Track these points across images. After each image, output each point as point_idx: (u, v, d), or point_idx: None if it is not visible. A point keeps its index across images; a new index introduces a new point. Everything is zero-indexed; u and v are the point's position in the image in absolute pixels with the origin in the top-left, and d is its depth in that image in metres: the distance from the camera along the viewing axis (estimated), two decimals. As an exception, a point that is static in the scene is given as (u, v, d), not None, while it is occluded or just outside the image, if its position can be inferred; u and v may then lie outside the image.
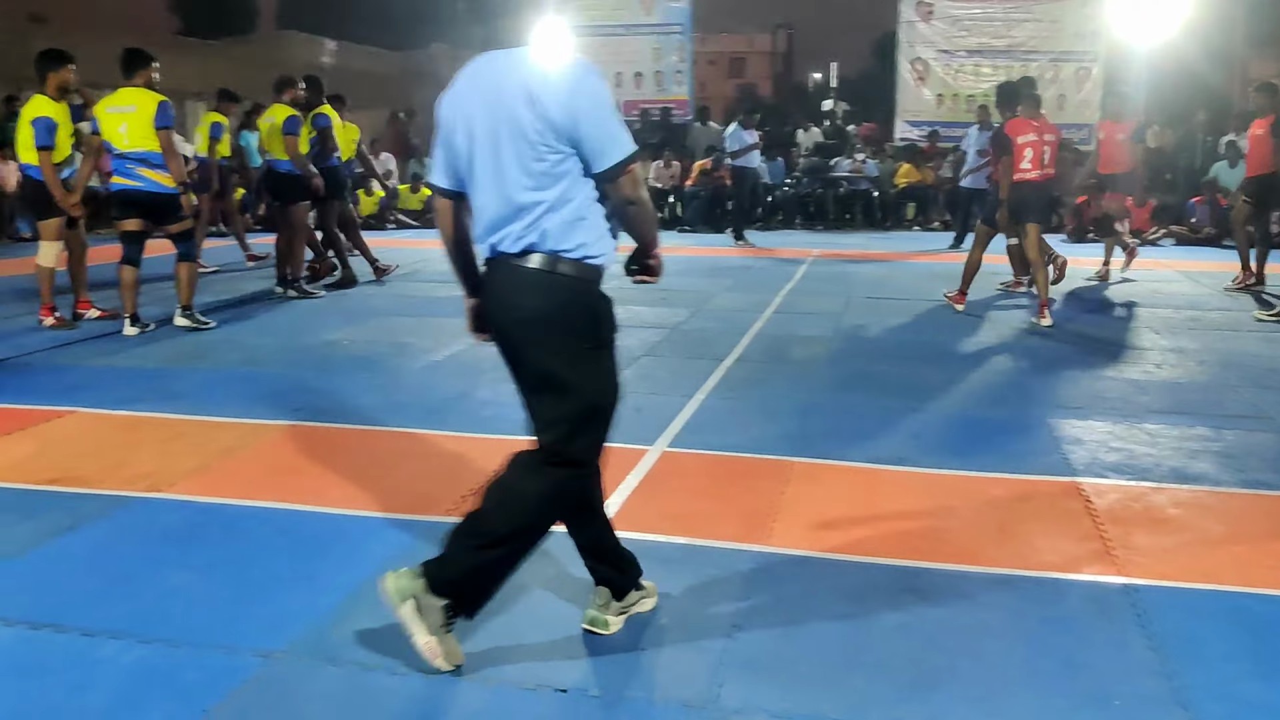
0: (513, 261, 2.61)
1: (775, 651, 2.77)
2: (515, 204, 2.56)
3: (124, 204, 7.24)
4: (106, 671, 2.65)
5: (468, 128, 2.62)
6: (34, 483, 4.07)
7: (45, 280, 7.44)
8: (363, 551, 3.41)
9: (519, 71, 2.58)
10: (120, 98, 7.20)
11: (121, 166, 7.16)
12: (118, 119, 7.12)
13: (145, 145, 7.06)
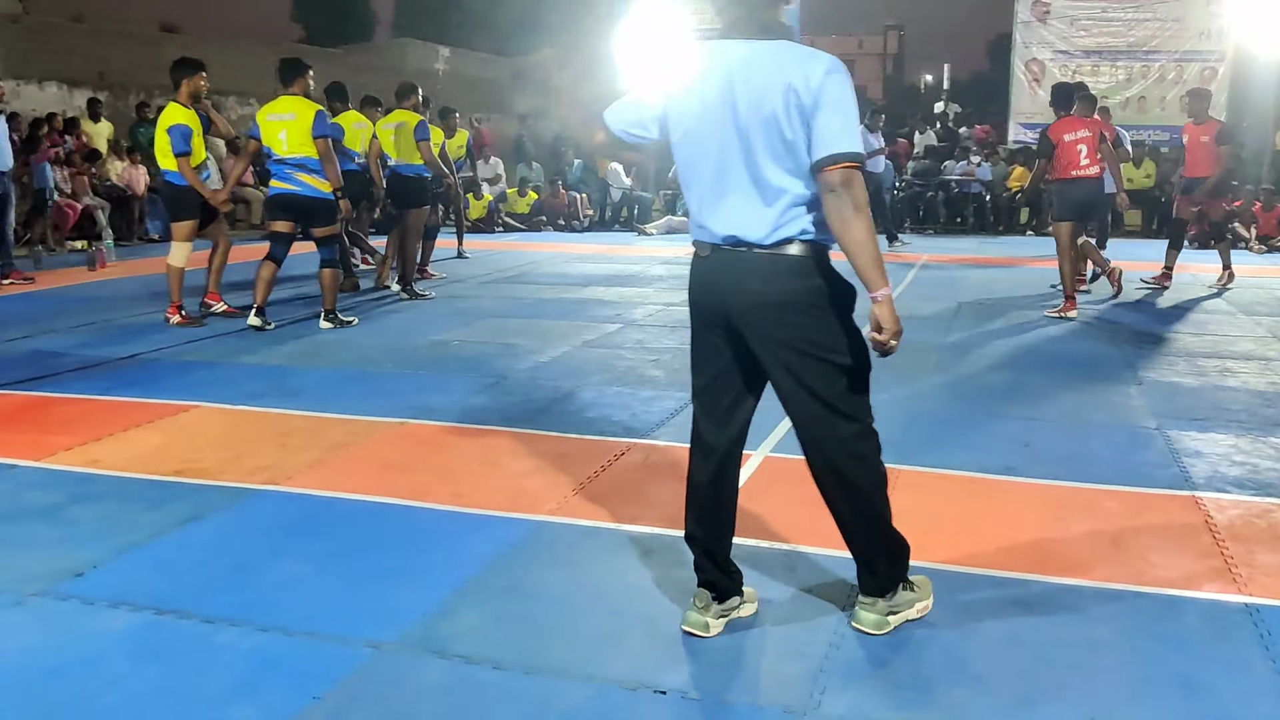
0: (759, 250, 2.65)
1: (878, 660, 2.74)
2: (770, 193, 2.62)
3: (280, 207, 7.62)
4: (226, 657, 2.75)
5: (710, 111, 2.64)
6: (161, 473, 4.26)
7: (175, 280, 7.76)
8: (468, 548, 3.48)
9: (783, 67, 2.58)
10: (280, 105, 7.52)
11: (280, 171, 7.50)
12: (277, 126, 7.44)
13: (303, 151, 7.38)
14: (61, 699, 2.53)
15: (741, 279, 2.69)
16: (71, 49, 16.47)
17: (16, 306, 8.70)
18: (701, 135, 2.67)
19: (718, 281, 2.74)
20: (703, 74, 2.68)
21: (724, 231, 2.68)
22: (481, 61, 27.50)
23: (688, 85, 2.70)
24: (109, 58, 16.97)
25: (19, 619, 2.97)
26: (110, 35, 17.41)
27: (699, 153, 2.70)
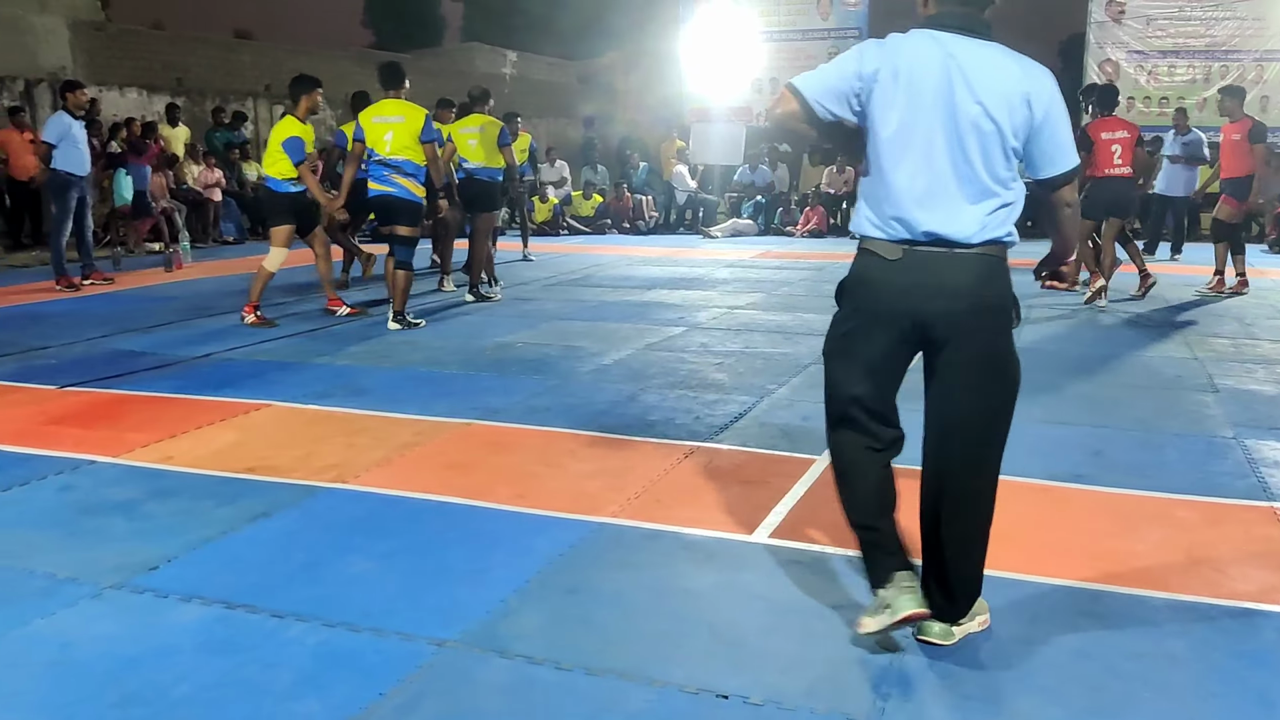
0: (962, 250, 2.60)
1: (943, 668, 2.70)
2: (978, 192, 2.58)
3: (376, 208, 7.86)
4: (294, 652, 2.80)
5: (923, 102, 2.57)
6: (233, 470, 4.35)
7: (261, 281, 7.94)
8: (530, 548, 3.50)
9: (1014, 75, 2.57)
10: (386, 108, 7.70)
11: (379, 173, 7.66)
12: (384, 128, 7.61)
13: (405, 154, 7.60)
14: (137, 689, 2.60)
15: (942, 279, 2.61)
16: (151, 55, 16.91)
17: (97, 306, 8.94)
18: (912, 126, 2.58)
19: (912, 282, 2.63)
20: (918, 63, 2.58)
21: (927, 227, 2.59)
22: (548, 66, 27.71)
23: (899, 72, 2.58)
24: (186, 64, 17.38)
25: (97, 610, 3.06)
26: (188, 41, 17.83)
27: (906, 143, 2.60)
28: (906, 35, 2.65)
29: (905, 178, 2.61)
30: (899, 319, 2.67)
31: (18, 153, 12.84)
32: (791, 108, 2.65)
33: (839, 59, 2.69)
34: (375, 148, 7.62)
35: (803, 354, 6.68)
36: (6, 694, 2.58)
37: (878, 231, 2.68)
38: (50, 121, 9.91)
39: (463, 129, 9.32)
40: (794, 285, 10.22)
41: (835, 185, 16.84)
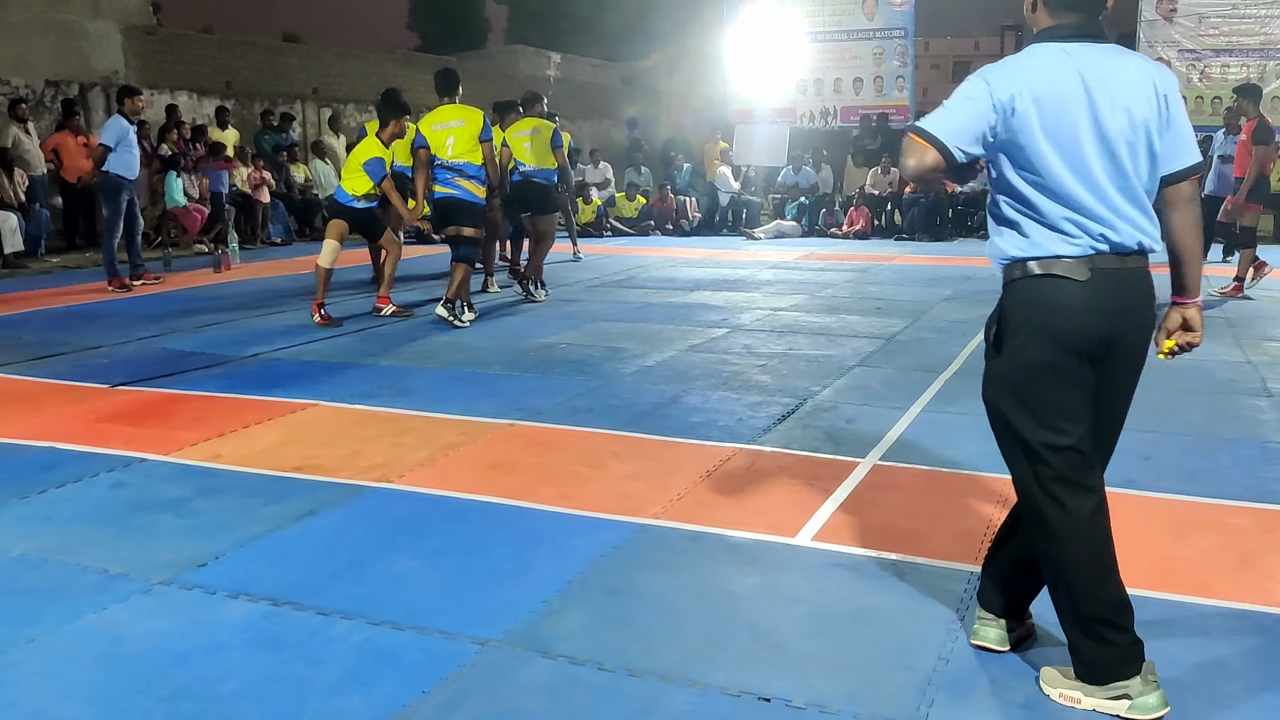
0: (1132, 265, 2.46)
1: (988, 675, 2.67)
2: (1138, 203, 2.47)
3: (439, 210, 8.02)
4: (338, 649, 2.83)
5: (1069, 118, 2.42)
6: (281, 469, 4.40)
7: (321, 279, 8.12)
8: (573, 549, 3.51)
9: (1147, 75, 2.48)
10: (446, 114, 7.97)
11: (443, 176, 7.89)
12: (445, 133, 7.87)
13: (466, 156, 7.86)
14: (186, 684, 2.64)
15: (1132, 295, 2.47)
16: (201, 59, 17.16)
17: (148, 307, 9.09)
18: (1064, 144, 2.42)
19: (1108, 302, 2.44)
20: (1054, 80, 2.43)
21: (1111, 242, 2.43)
22: (592, 68, 27.78)
23: (1037, 94, 2.42)
24: (235, 67, 17.63)
25: (148, 606, 3.11)
26: (237, 45, 18.08)
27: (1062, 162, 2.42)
28: (1030, 53, 2.50)
29: (1071, 196, 2.43)
30: (1093, 344, 2.46)
31: (72, 156, 13.10)
32: (933, 159, 2.43)
33: (962, 95, 2.48)
34: (437, 152, 7.86)
35: (846, 356, 6.64)
36: (61, 686, 2.63)
37: (1060, 250, 2.44)
38: (108, 124, 10.09)
39: (516, 132, 9.38)
40: (838, 287, 10.17)
41: (880, 187, 16.73)
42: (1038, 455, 2.49)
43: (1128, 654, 2.48)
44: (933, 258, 13.05)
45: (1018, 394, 2.52)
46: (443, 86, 8.16)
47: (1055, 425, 2.47)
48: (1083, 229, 2.43)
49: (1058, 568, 2.53)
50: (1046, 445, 2.47)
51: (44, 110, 14.34)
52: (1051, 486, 2.49)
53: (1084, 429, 2.49)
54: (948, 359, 6.52)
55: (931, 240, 15.37)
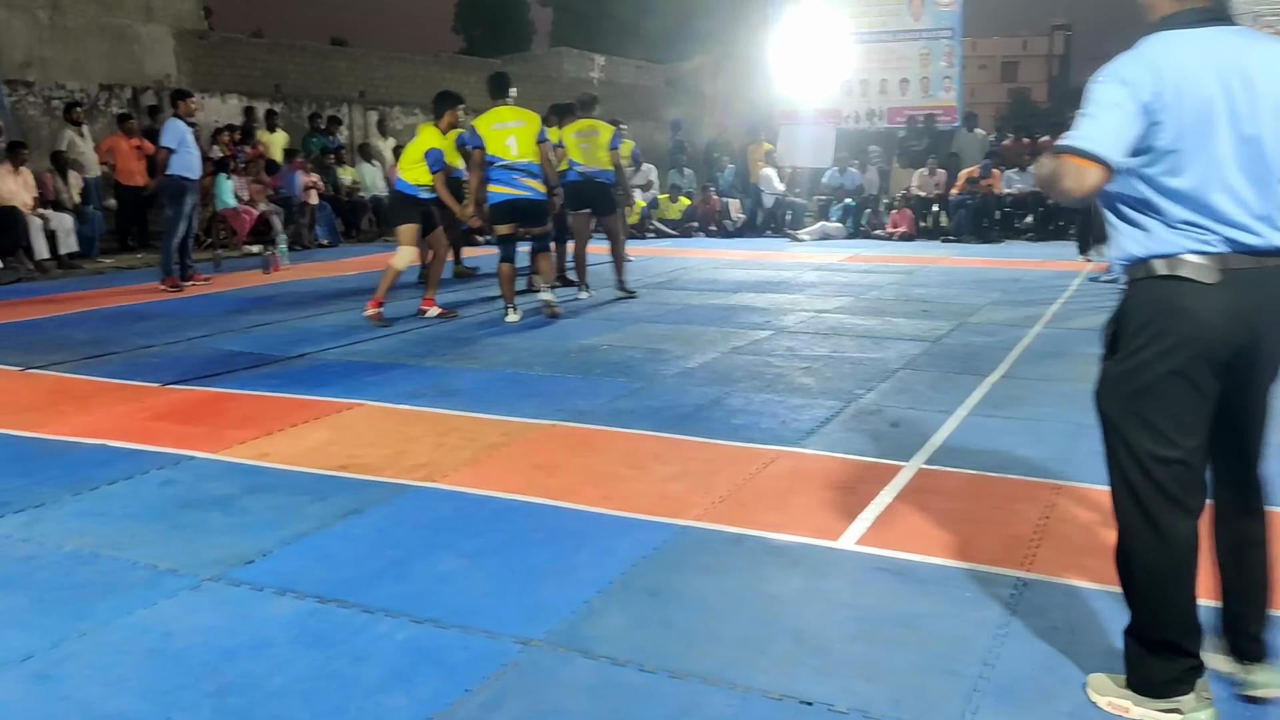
0: (1271, 266, 2.30)
1: (1035, 683, 2.64)
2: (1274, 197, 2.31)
3: (506, 212, 8.09)
4: (383, 646, 2.85)
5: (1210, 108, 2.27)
6: (327, 468, 4.45)
7: (389, 278, 8.20)
8: (614, 550, 3.52)
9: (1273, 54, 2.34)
10: (503, 114, 8.07)
11: (508, 177, 7.96)
12: (505, 133, 7.93)
13: (529, 157, 7.98)
14: (233, 679, 2.67)
15: (1274, 298, 2.32)
16: (251, 63, 17.40)
17: (198, 307, 9.23)
18: (1204, 137, 2.28)
19: (1245, 305, 2.29)
20: (1190, 69, 2.29)
21: (1248, 240, 2.29)
22: (636, 69, 27.81)
23: (1177, 86, 2.27)
24: (284, 71, 17.85)
25: (196, 602, 3.15)
26: (286, 49, 18.31)
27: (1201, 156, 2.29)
28: (1159, 44, 2.33)
29: (1201, 193, 2.30)
30: (1219, 350, 2.30)
31: (125, 159, 13.34)
32: (1096, 178, 2.28)
33: (1107, 102, 2.31)
34: (499, 153, 7.92)
35: (891, 359, 6.59)
36: (112, 680, 2.67)
37: (1188, 249, 2.30)
38: (166, 128, 10.27)
39: (574, 133, 9.43)
40: (883, 289, 10.10)
41: (926, 188, 16.59)
42: (1142, 466, 2.36)
43: (1187, 674, 2.42)
44: (979, 260, 12.92)
45: (1129, 400, 2.38)
46: (496, 89, 8.26)
47: (1166, 435, 2.33)
48: (1213, 228, 2.29)
49: (1137, 586, 2.45)
50: (1153, 456, 2.34)
51: (98, 114, 14.61)
52: (1149, 503, 2.36)
53: (1197, 442, 2.35)
54: (995, 362, 6.45)
55: (978, 242, 15.21)
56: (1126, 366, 2.39)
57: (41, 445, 4.85)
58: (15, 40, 14.08)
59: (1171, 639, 2.41)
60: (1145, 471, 2.36)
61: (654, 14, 33.79)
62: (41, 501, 4.04)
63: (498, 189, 8.04)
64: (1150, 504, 2.36)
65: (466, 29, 42.74)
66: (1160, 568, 2.39)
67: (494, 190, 8.08)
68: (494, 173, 8.02)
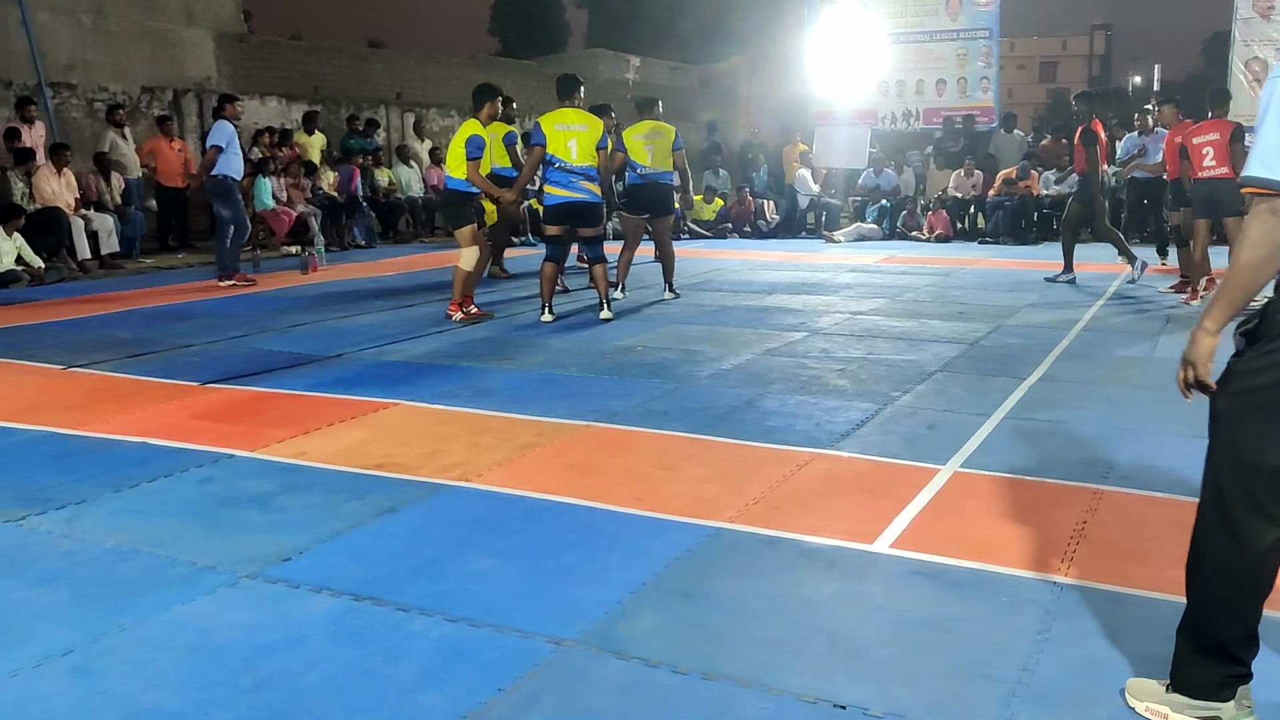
0: None
1: (1074, 688, 2.61)
2: None
3: (561, 213, 8.14)
4: (417, 645, 2.87)
5: None
6: (362, 467, 4.48)
7: (460, 280, 8.27)
8: (647, 551, 3.51)
9: None
10: (568, 116, 8.08)
11: (566, 180, 7.99)
12: (567, 135, 7.95)
13: (589, 161, 8.00)
14: (269, 675, 2.69)
15: None
16: (290, 65, 17.56)
17: (237, 307, 9.33)
18: None
19: None
20: None
21: None
22: (670, 71, 27.78)
23: None
24: (322, 73, 18.00)
25: (234, 598, 3.18)
26: (324, 52, 18.46)
27: None
28: None
29: None
30: None
31: (166, 160, 13.51)
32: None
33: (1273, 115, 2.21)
34: (559, 154, 7.95)
35: (927, 361, 6.54)
36: (151, 675, 2.70)
37: None
38: (216, 129, 10.46)
39: (635, 135, 9.45)
40: (919, 291, 10.03)
41: (963, 189, 16.47)
42: (1239, 468, 2.28)
43: (1231, 680, 2.39)
44: (1017, 261, 12.80)
45: (1247, 398, 2.27)
46: (564, 90, 8.25)
47: (1274, 443, 2.25)
48: None
49: (1202, 584, 2.39)
50: (1253, 462, 2.27)
51: (140, 116, 14.80)
52: (1234, 505, 2.29)
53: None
54: (1032, 365, 6.39)
55: (1016, 244, 15.08)
56: (1255, 365, 2.27)
57: (84, 443, 4.92)
58: (59, 44, 14.29)
59: (1224, 643, 2.37)
60: (1240, 474, 2.29)
61: (689, 15, 33.77)
62: (83, 498, 4.10)
63: (554, 190, 8.09)
64: (1234, 506, 2.30)
65: (502, 31, 42.95)
66: (1230, 571, 2.34)
67: (550, 192, 8.13)
68: (552, 174, 8.06)
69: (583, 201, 8.07)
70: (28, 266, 10.94)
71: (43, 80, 13.72)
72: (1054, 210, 16.08)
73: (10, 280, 10.67)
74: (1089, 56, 70.97)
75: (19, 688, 2.64)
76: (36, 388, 6.09)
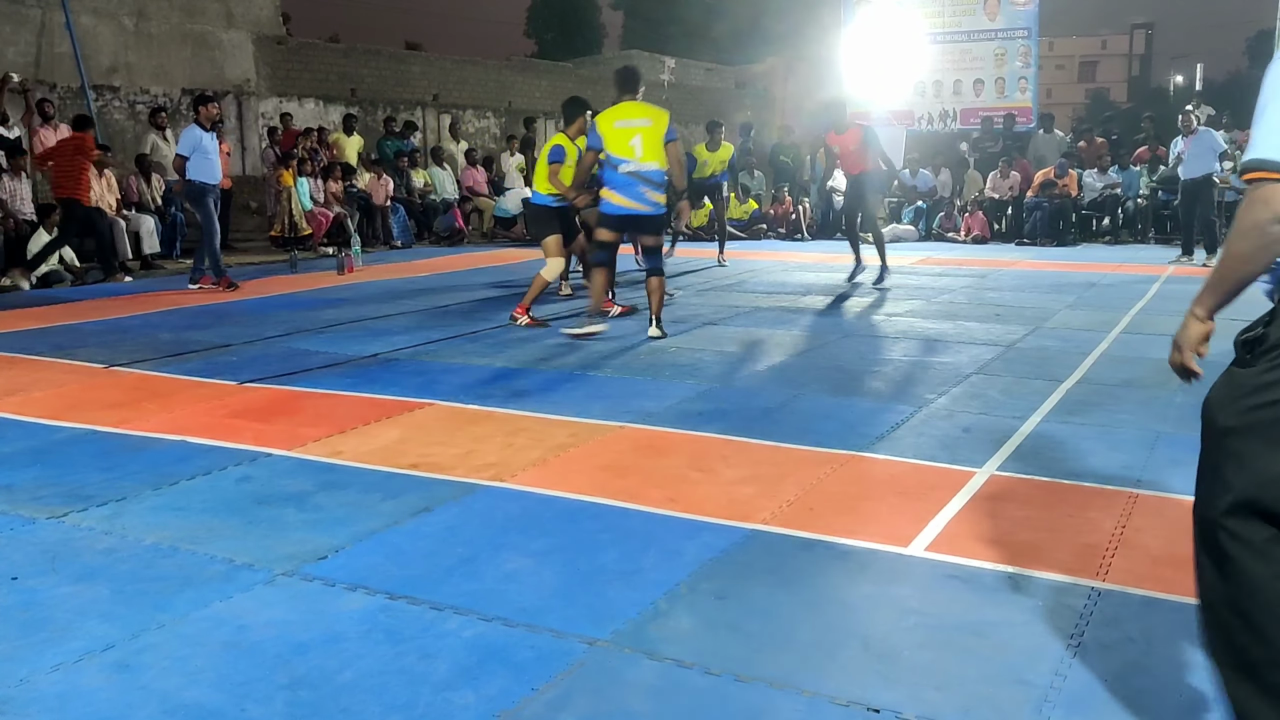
0: None
1: (1109, 694, 2.58)
2: None
3: (619, 223, 7.47)
4: (451, 644, 2.88)
5: None
6: (397, 466, 4.51)
7: (538, 288, 8.15)
8: (680, 552, 3.51)
9: None
10: (629, 111, 7.34)
11: (632, 188, 7.28)
12: (629, 132, 7.21)
13: (656, 161, 7.22)
14: (305, 673, 2.72)
15: None
16: (328, 67, 17.73)
17: (275, 307, 9.42)
18: None
19: None
20: None
21: None
22: (705, 72, 27.77)
23: None
24: (360, 75, 18.16)
25: (271, 596, 3.22)
26: (361, 54, 18.62)
27: None
28: None
29: None
30: None
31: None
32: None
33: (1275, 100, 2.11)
34: (622, 154, 7.21)
35: (964, 363, 6.49)
36: (189, 671, 2.74)
37: None
38: (182, 135, 10.52)
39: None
40: (955, 293, 9.96)
41: (1000, 190, 16.33)
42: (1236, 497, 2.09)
43: None
44: (1055, 263, 12.67)
45: (1254, 415, 2.07)
46: (624, 83, 7.53)
47: None
48: None
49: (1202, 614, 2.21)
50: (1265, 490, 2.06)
51: (180, 118, 15.00)
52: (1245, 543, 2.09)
53: None
54: (1070, 368, 6.33)
55: (1054, 245, 14.93)
56: (1268, 379, 2.06)
57: (124, 441, 4.99)
58: (102, 47, 14.51)
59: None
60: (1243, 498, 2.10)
61: (724, 16, 33.75)
62: (123, 495, 4.16)
63: (616, 198, 7.32)
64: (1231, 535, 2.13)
65: (538, 33, 43.11)
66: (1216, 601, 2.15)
67: (611, 199, 7.36)
68: (616, 178, 7.28)
69: (647, 215, 7.38)
70: (70, 267, 11.11)
71: (85, 83, 13.94)
72: (1093, 211, 15.92)
73: (54, 280, 10.85)
74: (1129, 56, 70.17)
75: (60, 682, 2.68)
76: (79, 386, 6.18)
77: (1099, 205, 15.81)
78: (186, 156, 10.26)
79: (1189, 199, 12.84)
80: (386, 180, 15.46)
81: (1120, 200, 15.75)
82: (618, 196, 7.32)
